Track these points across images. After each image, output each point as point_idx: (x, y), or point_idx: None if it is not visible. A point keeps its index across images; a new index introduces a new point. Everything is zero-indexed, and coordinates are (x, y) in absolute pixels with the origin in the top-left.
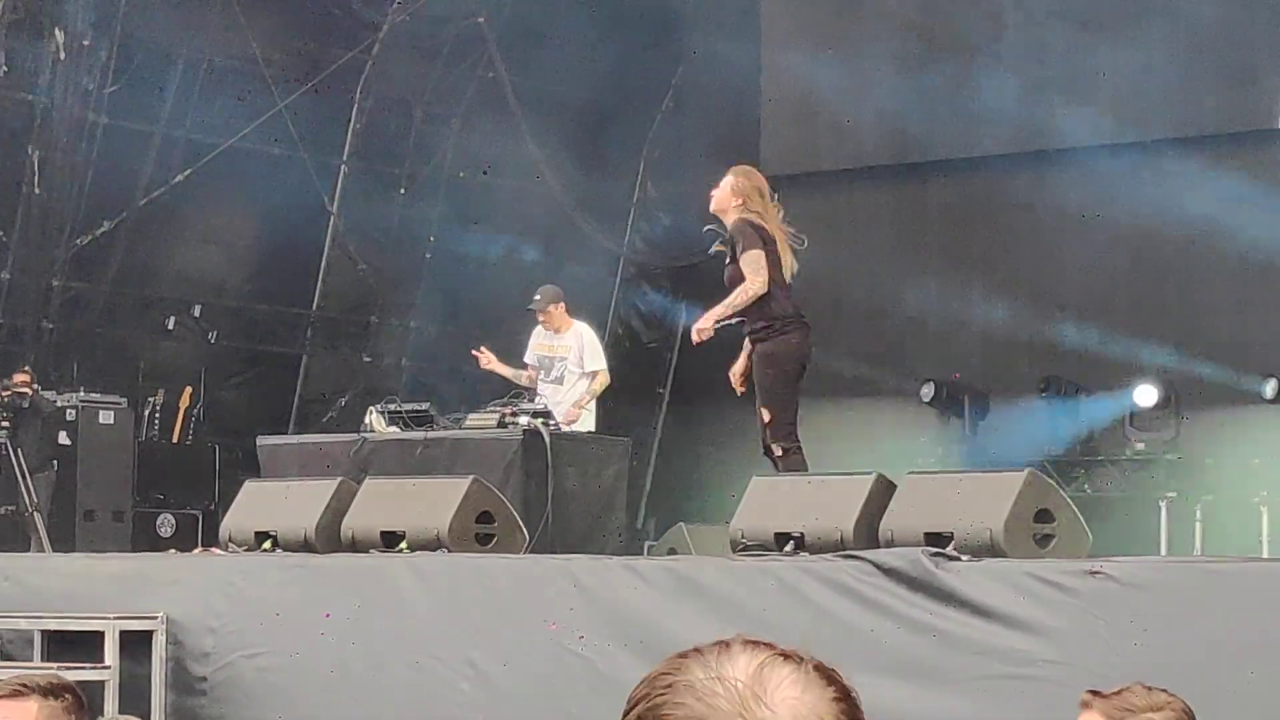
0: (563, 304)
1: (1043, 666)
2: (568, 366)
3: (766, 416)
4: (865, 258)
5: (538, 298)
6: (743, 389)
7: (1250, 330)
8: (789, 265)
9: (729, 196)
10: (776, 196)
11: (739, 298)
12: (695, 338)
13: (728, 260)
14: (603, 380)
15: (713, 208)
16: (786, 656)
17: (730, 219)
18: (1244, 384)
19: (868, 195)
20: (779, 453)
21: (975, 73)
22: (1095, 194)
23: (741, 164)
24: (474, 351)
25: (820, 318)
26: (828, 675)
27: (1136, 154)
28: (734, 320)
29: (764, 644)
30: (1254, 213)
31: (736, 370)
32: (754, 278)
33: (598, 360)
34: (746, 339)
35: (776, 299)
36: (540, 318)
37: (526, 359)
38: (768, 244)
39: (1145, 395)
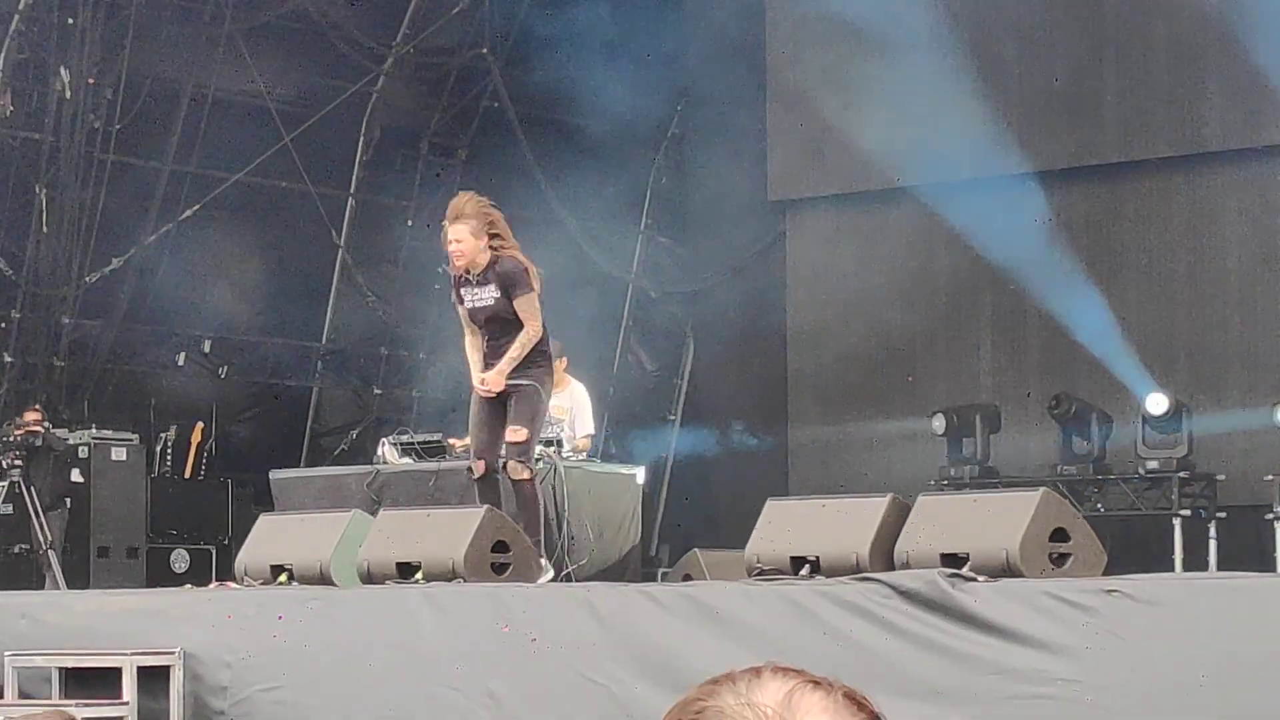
0: (565, 359)
1: (1061, 686)
2: (564, 428)
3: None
4: (870, 279)
5: None
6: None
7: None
8: None
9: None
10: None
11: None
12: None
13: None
14: (585, 445)
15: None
16: (816, 683)
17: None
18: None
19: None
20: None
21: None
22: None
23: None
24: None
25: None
26: (857, 702)
27: None
28: None
29: (794, 671)
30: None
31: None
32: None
33: (588, 425)
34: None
35: None
36: None
37: None
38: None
39: (1156, 403)
